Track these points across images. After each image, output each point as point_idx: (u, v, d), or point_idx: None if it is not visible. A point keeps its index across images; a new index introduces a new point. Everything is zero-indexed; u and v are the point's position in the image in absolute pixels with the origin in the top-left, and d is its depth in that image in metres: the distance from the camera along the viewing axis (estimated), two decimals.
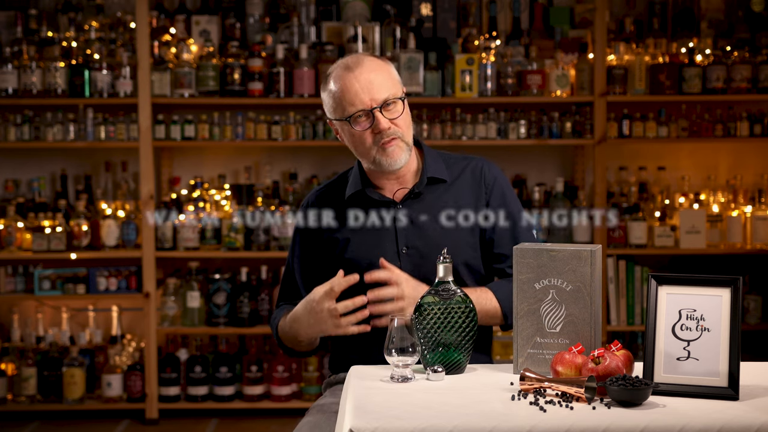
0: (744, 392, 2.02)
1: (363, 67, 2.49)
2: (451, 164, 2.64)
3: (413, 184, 2.59)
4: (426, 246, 2.53)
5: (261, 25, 5.05)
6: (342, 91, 2.48)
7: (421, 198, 2.59)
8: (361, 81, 2.47)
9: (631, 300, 4.94)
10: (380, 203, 2.58)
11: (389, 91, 2.48)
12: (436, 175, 2.59)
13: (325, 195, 2.68)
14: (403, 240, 2.55)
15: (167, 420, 4.91)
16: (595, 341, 2.18)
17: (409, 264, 2.53)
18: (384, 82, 2.48)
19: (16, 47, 4.90)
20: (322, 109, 4.91)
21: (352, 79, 2.48)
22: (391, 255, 2.54)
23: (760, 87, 4.90)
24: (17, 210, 4.92)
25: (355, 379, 2.17)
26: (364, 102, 2.47)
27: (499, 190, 2.63)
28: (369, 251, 2.55)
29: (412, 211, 2.57)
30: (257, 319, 4.93)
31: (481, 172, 2.63)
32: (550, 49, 5.00)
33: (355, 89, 2.47)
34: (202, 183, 5.02)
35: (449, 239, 2.54)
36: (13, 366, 4.93)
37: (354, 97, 2.47)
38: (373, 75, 2.48)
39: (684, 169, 5.15)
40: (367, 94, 2.46)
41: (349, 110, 2.48)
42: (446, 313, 2.22)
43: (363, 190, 2.59)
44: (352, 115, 2.48)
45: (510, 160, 5.11)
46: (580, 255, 2.18)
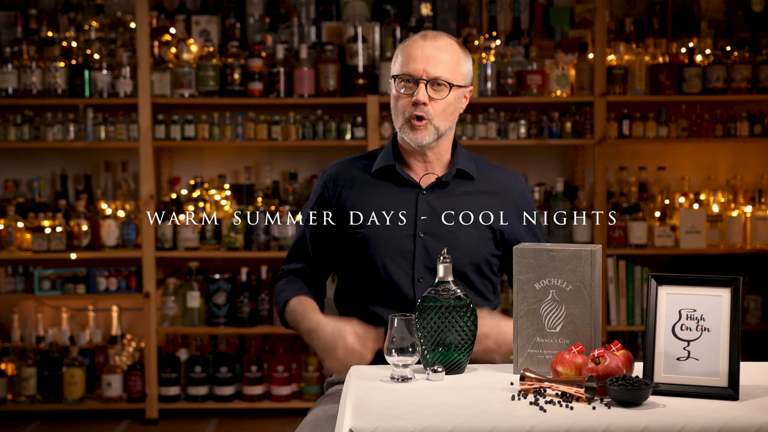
0: (744, 392, 2.02)
1: (437, 41, 2.53)
2: (480, 166, 2.67)
3: (441, 174, 2.61)
4: (442, 235, 2.55)
5: (261, 25, 5.05)
6: (406, 52, 2.53)
7: (447, 188, 2.60)
8: (425, 51, 2.51)
9: (631, 300, 4.94)
10: (406, 182, 2.60)
11: (446, 73, 2.52)
12: (465, 169, 2.61)
13: (350, 166, 2.68)
14: (421, 225, 2.56)
15: (167, 420, 4.91)
16: (595, 341, 2.18)
17: (423, 248, 2.55)
18: (446, 63, 2.52)
19: (16, 47, 4.90)
20: (322, 109, 4.99)
21: (420, 46, 2.52)
22: (407, 236, 2.56)
23: (760, 87, 4.90)
24: (17, 210, 4.92)
25: (355, 379, 2.17)
26: (417, 69, 2.50)
27: (527, 206, 2.67)
28: (385, 231, 2.56)
29: (435, 199, 2.59)
30: (257, 319, 4.93)
31: (511, 186, 2.66)
32: (550, 49, 5.00)
33: (417, 55, 2.51)
34: (202, 183, 5.02)
35: (465, 234, 2.56)
36: (13, 366, 4.93)
37: (412, 61, 2.51)
38: (440, 53, 2.52)
39: (684, 169, 5.15)
40: (423, 63, 2.50)
41: (401, 70, 2.53)
42: (446, 313, 2.22)
43: (393, 165, 2.61)
44: (400, 74, 2.53)
45: (510, 160, 5.10)
46: (580, 255, 2.18)
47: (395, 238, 2.55)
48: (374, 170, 2.62)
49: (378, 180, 2.62)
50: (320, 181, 2.69)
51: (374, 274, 2.56)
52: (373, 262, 2.56)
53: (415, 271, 2.55)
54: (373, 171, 2.63)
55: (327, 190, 2.66)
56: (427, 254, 2.54)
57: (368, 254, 2.56)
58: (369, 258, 2.56)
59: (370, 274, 2.57)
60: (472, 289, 2.58)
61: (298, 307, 2.60)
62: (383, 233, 2.56)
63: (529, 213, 2.66)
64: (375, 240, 2.56)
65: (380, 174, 2.62)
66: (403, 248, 2.55)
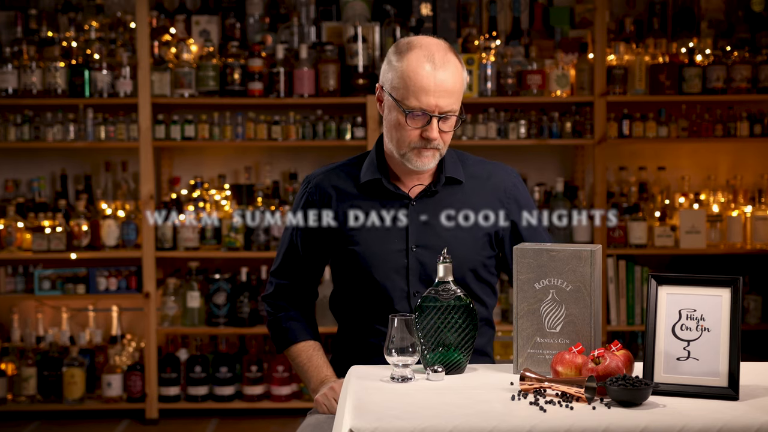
0: (744, 392, 2.02)
1: (446, 70, 2.40)
2: (468, 165, 2.59)
3: (429, 182, 2.54)
4: (436, 246, 2.46)
5: (261, 25, 5.05)
6: (413, 80, 2.38)
7: (436, 197, 2.53)
8: (437, 82, 2.38)
9: (631, 300, 4.94)
10: (394, 196, 2.52)
11: (454, 105, 2.42)
12: (453, 176, 2.54)
13: (335, 175, 2.59)
14: (414, 237, 2.50)
15: (167, 420, 4.91)
16: (595, 341, 2.18)
17: (417, 262, 2.50)
18: (455, 93, 2.42)
19: (16, 47, 4.90)
20: (322, 109, 4.99)
21: (430, 75, 2.38)
22: (400, 251, 2.50)
23: (760, 87, 4.90)
24: (17, 210, 4.92)
25: (355, 379, 2.17)
26: (430, 104, 2.39)
27: (521, 197, 2.60)
28: (377, 245, 2.50)
29: (425, 209, 2.52)
30: (257, 319, 4.93)
31: (500, 180, 2.59)
32: (550, 49, 5.00)
33: (428, 88, 2.38)
34: (202, 183, 5.02)
35: (460, 242, 2.50)
36: (13, 366, 4.93)
37: (423, 94, 2.38)
38: (450, 83, 2.40)
39: (684, 169, 5.15)
40: (435, 98, 2.38)
41: (411, 103, 2.39)
42: (446, 313, 2.22)
43: (379, 180, 2.53)
44: (411, 109, 2.40)
45: (510, 160, 5.10)
46: (580, 255, 2.18)
47: (387, 253, 2.49)
48: (361, 183, 2.55)
49: (365, 194, 2.54)
50: (304, 189, 2.60)
51: (369, 289, 2.51)
52: (367, 278, 2.50)
53: (410, 286, 2.50)
54: (360, 184, 2.55)
55: (313, 198, 2.58)
56: (422, 267, 2.49)
57: (361, 271, 2.51)
58: (362, 274, 2.51)
59: (365, 289, 2.52)
60: (471, 294, 2.54)
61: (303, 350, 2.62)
62: (375, 250, 2.50)
63: (524, 204, 2.59)
64: (367, 258, 2.50)
65: (367, 187, 2.55)
66: (396, 264, 2.49)
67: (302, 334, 2.62)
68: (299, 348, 2.61)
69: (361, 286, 2.53)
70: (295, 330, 2.62)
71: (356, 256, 2.51)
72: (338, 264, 2.58)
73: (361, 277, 2.51)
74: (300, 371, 2.62)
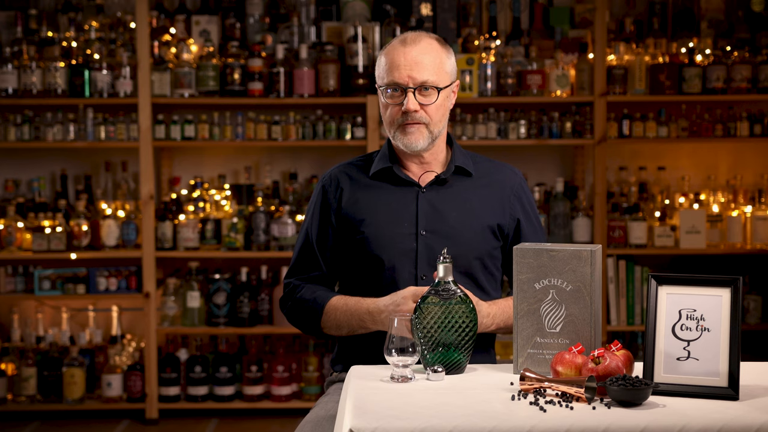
0: (744, 392, 2.02)
1: (417, 45, 2.53)
2: (477, 162, 2.68)
3: (440, 172, 2.62)
4: (444, 231, 2.56)
5: (261, 25, 5.05)
6: (388, 61, 2.53)
7: (446, 186, 2.62)
8: (408, 57, 2.51)
9: (631, 300, 4.94)
10: (405, 182, 2.61)
11: (432, 76, 2.52)
12: (463, 166, 2.62)
13: (349, 170, 2.68)
14: (423, 223, 2.57)
15: (167, 420, 4.91)
16: (595, 341, 2.18)
17: (425, 246, 2.55)
18: (430, 65, 2.52)
19: (16, 47, 4.90)
20: (322, 109, 4.99)
21: (401, 53, 2.52)
22: (409, 234, 2.56)
23: (760, 87, 4.90)
24: (17, 210, 4.93)
25: (355, 379, 2.17)
26: (403, 78, 2.51)
27: (525, 199, 2.68)
28: (387, 230, 2.57)
29: (435, 196, 2.60)
30: (257, 319, 4.93)
31: (508, 179, 2.67)
32: (550, 49, 5.00)
33: (400, 63, 2.51)
34: (202, 183, 5.02)
35: (468, 229, 2.57)
36: (13, 366, 4.93)
37: (395, 70, 2.51)
38: (422, 56, 2.51)
39: (684, 169, 5.15)
40: (407, 71, 2.51)
41: (387, 80, 2.53)
42: (446, 313, 2.22)
43: (390, 167, 2.61)
44: (387, 85, 2.53)
45: (510, 160, 5.07)
46: (580, 255, 2.18)
47: (397, 236, 2.56)
48: (372, 173, 2.63)
49: (377, 181, 2.63)
50: (319, 186, 2.69)
51: (378, 274, 2.56)
52: (376, 262, 2.56)
53: (418, 270, 2.55)
54: (371, 173, 2.63)
55: (328, 195, 2.65)
56: (430, 252, 2.55)
57: (371, 254, 2.56)
58: (372, 258, 2.56)
59: (373, 274, 2.57)
60: (477, 285, 2.58)
61: (348, 301, 2.55)
62: (385, 233, 2.57)
63: (528, 205, 2.67)
64: (377, 240, 2.56)
65: (379, 176, 2.63)
66: (405, 247, 2.56)
67: (328, 293, 2.60)
68: (332, 304, 2.57)
69: (370, 271, 2.57)
70: (319, 294, 2.60)
71: (366, 239, 2.57)
72: (348, 252, 2.62)
73: (371, 262, 2.56)
74: (346, 318, 2.54)
